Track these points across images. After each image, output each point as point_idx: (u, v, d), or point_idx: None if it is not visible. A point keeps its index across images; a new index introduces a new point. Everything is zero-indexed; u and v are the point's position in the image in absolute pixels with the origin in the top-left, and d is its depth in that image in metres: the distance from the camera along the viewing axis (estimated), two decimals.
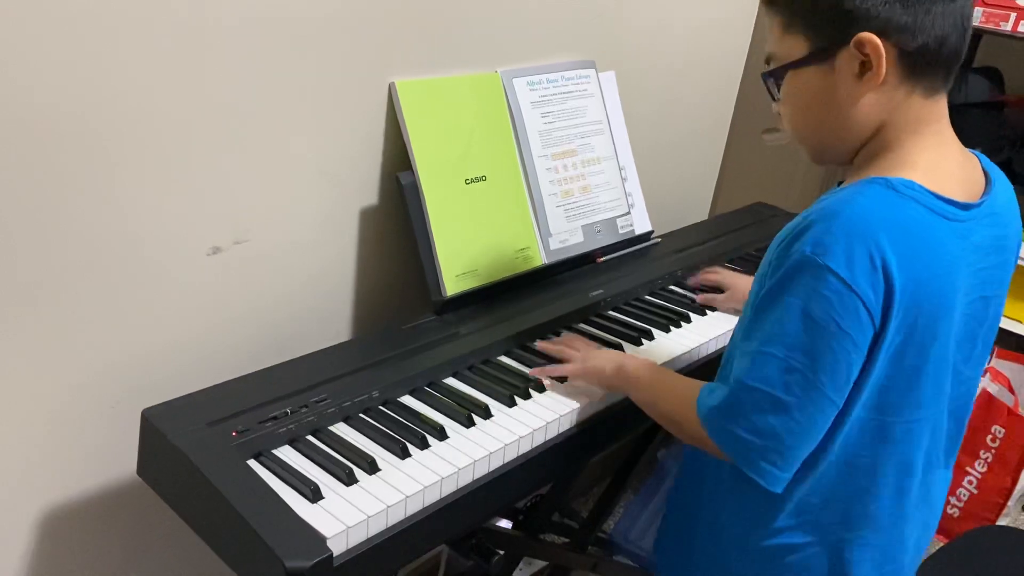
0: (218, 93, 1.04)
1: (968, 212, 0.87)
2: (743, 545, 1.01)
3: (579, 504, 2.08)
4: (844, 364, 0.84)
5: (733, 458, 0.90)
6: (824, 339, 0.82)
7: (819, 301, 0.81)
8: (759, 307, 0.88)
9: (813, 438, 0.87)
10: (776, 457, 0.87)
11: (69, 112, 0.93)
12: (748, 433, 0.87)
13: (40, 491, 1.07)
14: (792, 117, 0.95)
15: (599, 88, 1.50)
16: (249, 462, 0.93)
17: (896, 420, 0.91)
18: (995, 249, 0.92)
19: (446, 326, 1.23)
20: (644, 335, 1.30)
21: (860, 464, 0.93)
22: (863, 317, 0.82)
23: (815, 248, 0.81)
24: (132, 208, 1.02)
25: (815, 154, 0.97)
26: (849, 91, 0.87)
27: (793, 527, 0.97)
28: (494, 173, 1.34)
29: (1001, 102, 2.34)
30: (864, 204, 0.82)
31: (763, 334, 0.86)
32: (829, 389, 0.84)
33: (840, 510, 0.96)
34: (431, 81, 1.27)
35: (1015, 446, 2.13)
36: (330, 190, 1.22)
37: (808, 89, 0.90)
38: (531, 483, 1.10)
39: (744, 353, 0.89)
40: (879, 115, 0.88)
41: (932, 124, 0.90)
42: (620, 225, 1.52)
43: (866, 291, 0.81)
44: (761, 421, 0.86)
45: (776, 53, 0.92)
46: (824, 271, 0.81)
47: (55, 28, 0.89)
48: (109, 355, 1.06)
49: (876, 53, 0.84)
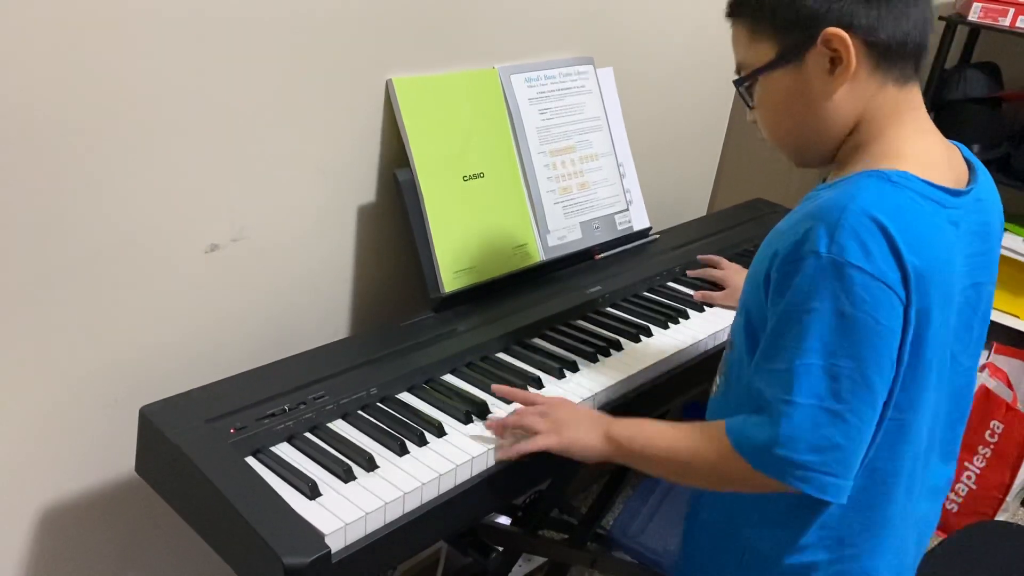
0: (216, 90, 1.04)
1: (958, 199, 0.88)
2: (767, 565, 0.98)
3: (578, 500, 2.08)
4: (887, 356, 0.82)
5: (794, 485, 0.83)
6: (865, 337, 0.80)
7: (850, 299, 0.79)
8: (780, 322, 0.84)
9: (868, 436, 0.84)
10: (839, 468, 0.83)
11: (66, 109, 0.93)
12: (810, 454, 0.82)
13: (39, 488, 1.07)
14: (769, 122, 0.95)
15: (597, 84, 1.50)
16: (247, 459, 0.93)
17: (910, 417, 0.89)
18: (982, 236, 0.92)
19: (444, 323, 1.23)
20: (642, 331, 1.30)
21: (881, 467, 0.90)
22: (896, 307, 0.80)
23: (830, 248, 0.79)
24: (130, 206, 1.02)
25: (796, 157, 0.97)
26: (822, 88, 0.88)
27: (815, 544, 0.94)
28: (492, 170, 1.34)
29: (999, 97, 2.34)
30: (866, 197, 0.81)
31: (795, 348, 0.82)
32: (879, 385, 0.82)
33: (860, 520, 0.93)
34: (428, 78, 1.26)
35: (1013, 441, 2.13)
36: (328, 187, 1.22)
37: (781, 92, 0.91)
38: (529, 480, 1.10)
39: (775, 372, 0.84)
40: (855, 108, 0.89)
41: (910, 112, 0.90)
42: (618, 222, 1.52)
43: (891, 278, 0.80)
44: (819, 438, 0.81)
45: (745, 61, 0.93)
46: (846, 268, 0.79)
47: (53, 26, 0.89)
48: (107, 352, 1.06)
49: (844, 46, 0.85)
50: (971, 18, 2.21)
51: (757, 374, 0.87)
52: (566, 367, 1.18)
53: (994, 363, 2.33)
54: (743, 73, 0.94)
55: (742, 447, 0.86)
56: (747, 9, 0.91)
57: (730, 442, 0.87)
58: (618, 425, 0.99)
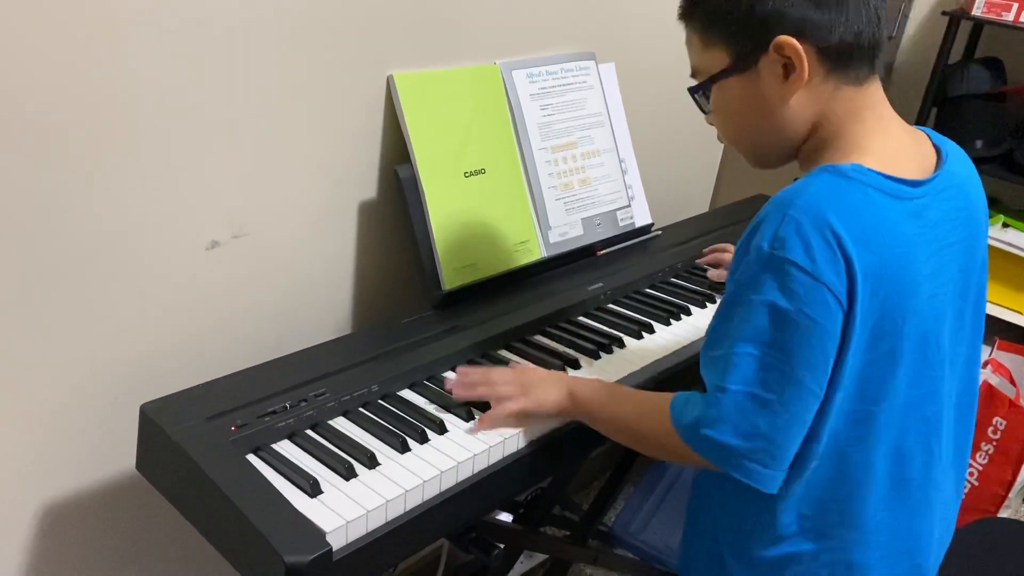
0: (217, 86, 1.04)
1: (920, 189, 0.87)
2: (744, 556, 0.99)
3: (580, 497, 2.08)
4: (820, 354, 0.83)
5: (721, 466, 0.87)
6: (796, 332, 0.82)
7: (785, 295, 0.81)
8: (723, 310, 0.87)
9: (799, 433, 0.86)
10: (765, 457, 0.85)
11: (66, 106, 0.92)
12: (733, 438, 0.85)
13: (39, 486, 1.07)
14: (726, 127, 0.96)
15: (599, 80, 1.50)
16: (248, 457, 0.93)
17: (880, 408, 0.90)
18: (960, 221, 0.92)
19: (445, 320, 1.23)
20: (645, 328, 1.30)
21: (852, 459, 0.91)
22: (831, 304, 0.81)
23: (772, 243, 0.81)
24: (130, 203, 1.01)
25: (754, 159, 0.98)
26: (777, 94, 0.88)
27: (796, 534, 0.95)
28: (493, 166, 1.33)
29: (1002, 93, 2.33)
30: (813, 192, 0.82)
31: (733, 336, 0.85)
32: (808, 381, 0.83)
33: (838, 511, 0.94)
34: (429, 73, 1.26)
35: (1016, 438, 2.13)
36: (328, 184, 1.21)
37: (736, 98, 0.91)
38: (531, 477, 1.10)
39: (714, 359, 0.87)
40: (812, 111, 0.89)
41: (871, 109, 0.90)
42: (620, 218, 1.52)
43: (830, 278, 0.80)
44: (745, 423, 0.84)
45: (699, 66, 0.93)
46: (785, 264, 0.81)
47: (53, 21, 0.88)
48: (108, 350, 1.06)
49: (796, 54, 0.85)
50: (975, 13, 2.20)
51: (702, 359, 0.91)
52: (568, 364, 1.18)
53: (996, 359, 2.32)
54: (698, 79, 0.94)
55: (676, 424, 0.90)
56: (699, 13, 0.91)
57: (669, 418, 0.91)
58: (580, 384, 1.04)
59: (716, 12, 0.89)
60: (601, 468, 2.14)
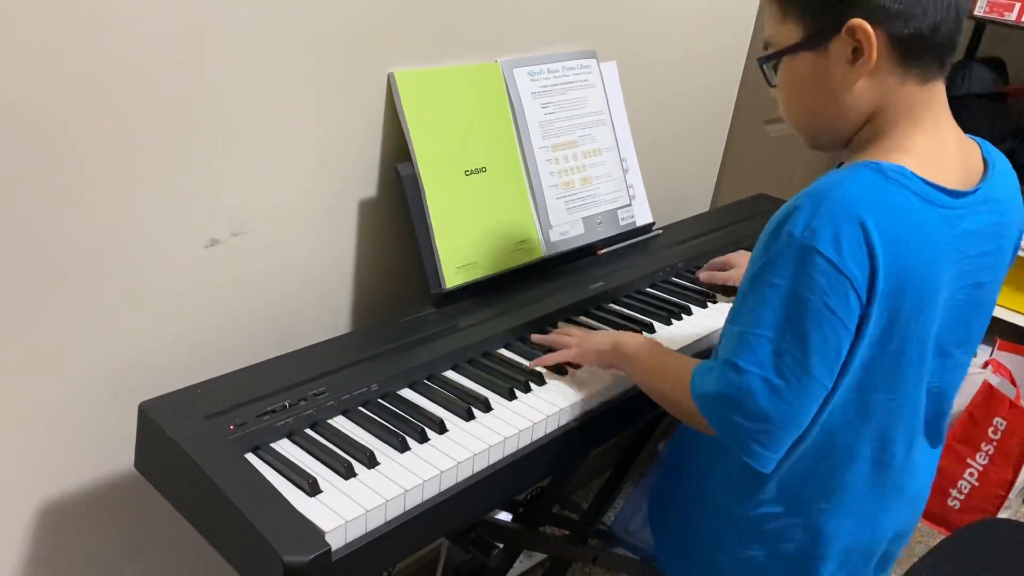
0: (217, 84, 1.03)
1: (960, 200, 0.88)
2: (726, 514, 1.05)
3: (579, 496, 2.08)
4: (834, 346, 0.85)
5: (726, 440, 0.91)
6: (814, 321, 0.83)
7: (808, 283, 0.82)
8: (748, 288, 0.89)
9: (803, 420, 0.89)
10: (766, 439, 0.88)
11: (65, 104, 0.92)
12: (741, 417, 0.88)
13: (38, 484, 1.07)
14: (787, 102, 0.96)
15: (600, 78, 1.49)
16: (247, 456, 0.93)
17: (875, 398, 0.93)
18: (992, 236, 0.93)
19: (445, 319, 1.23)
20: (645, 328, 1.29)
21: (839, 441, 0.95)
22: (851, 298, 0.83)
23: (803, 231, 0.82)
24: (129, 200, 1.01)
25: (810, 139, 0.98)
26: (842, 77, 0.88)
27: (774, 499, 1.01)
28: (494, 164, 1.33)
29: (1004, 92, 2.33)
30: (852, 187, 0.83)
31: (753, 316, 0.86)
32: (819, 372, 0.85)
33: (819, 484, 0.98)
34: (430, 71, 1.25)
35: (1016, 439, 2.13)
36: (329, 182, 1.21)
37: (803, 75, 0.92)
38: (531, 476, 1.10)
39: (733, 334, 0.89)
40: (873, 101, 0.89)
41: (929, 110, 0.90)
42: (621, 217, 1.51)
43: (854, 272, 0.82)
44: (753, 405, 0.87)
45: (773, 39, 0.94)
46: (812, 253, 0.82)
47: (51, 20, 0.88)
48: (107, 348, 1.05)
49: (867, 39, 0.85)
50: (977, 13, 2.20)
51: (724, 329, 0.94)
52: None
53: (997, 359, 2.32)
54: (769, 51, 0.94)
55: (694, 391, 0.94)
56: None
57: (689, 384, 0.95)
58: (626, 337, 1.12)
59: None
60: (601, 467, 2.14)
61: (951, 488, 2.22)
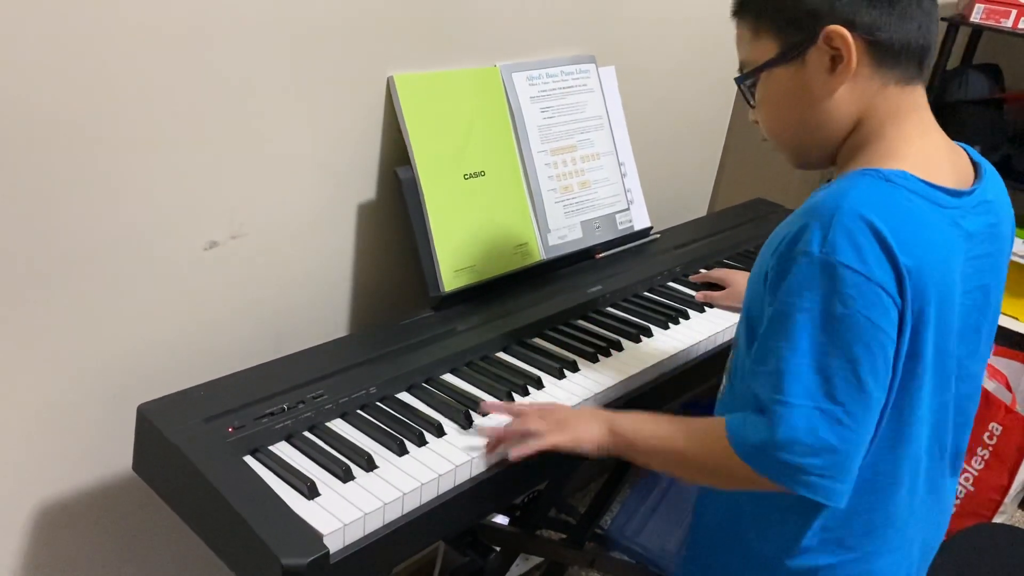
0: (217, 87, 1.04)
1: (959, 200, 0.87)
2: (768, 565, 0.97)
3: (576, 500, 2.08)
4: (882, 357, 0.81)
5: (793, 488, 0.83)
6: (857, 336, 0.79)
7: (841, 299, 0.79)
8: (774, 320, 0.83)
9: (866, 441, 0.83)
10: (835, 470, 0.81)
11: (66, 106, 0.92)
12: (803, 457, 0.81)
13: (36, 486, 1.07)
14: (769, 120, 0.95)
15: (599, 83, 1.50)
16: (245, 458, 0.93)
17: (910, 416, 0.89)
18: (989, 237, 0.92)
19: (444, 322, 1.23)
20: (643, 332, 1.30)
21: (882, 469, 0.90)
22: (889, 306, 0.80)
23: (822, 247, 0.79)
24: (129, 202, 1.01)
25: (796, 157, 0.97)
26: (823, 86, 0.88)
27: (817, 547, 0.94)
28: (493, 168, 1.33)
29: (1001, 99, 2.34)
30: (859, 195, 0.81)
31: (788, 348, 0.81)
32: (873, 387, 0.81)
33: (864, 521, 0.93)
34: (430, 75, 1.26)
35: (1012, 444, 2.13)
36: (328, 185, 1.21)
37: (783, 89, 0.91)
38: (528, 480, 1.10)
39: (769, 373, 0.83)
40: (856, 107, 0.89)
41: (912, 112, 0.89)
42: (619, 221, 1.52)
43: (883, 278, 0.79)
44: (815, 440, 0.80)
45: (748, 59, 0.93)
46: (838, 267, 0.78)
47: (53, 21, 0.88)
48: (105, 349, 1.05)
49: (845, 44, 0.85)
50: (973, 19, 2.21)
51: (752, 376, 0.86)
52: (566, 367, 1.18)
53: (993, 364, 2.33)
54: (745, 70, 0.94)
55: (740, 448, 0.85)
56: (752, 7, 0.91)
57: (729, 442, 0.86)
58: (621, 418, 0.99)
59: (769, 3, 0.89)
60: (598, 471, 2.14)
61: None
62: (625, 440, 0.97)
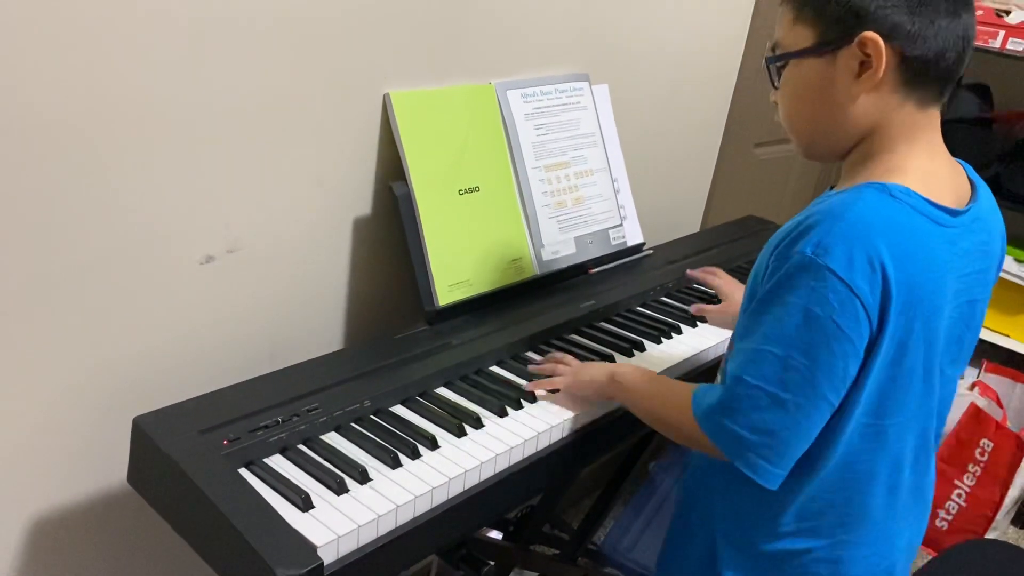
0: (214, 102, 1.05)
1: (957, 218, 0.90)
2: (742, 548, 1.02)
3: (570, 515, 2.08)
4: (841, 364, 0.85)
5: (728, 454, 0.90)
6: (823, 339, 0.84)
7: (819, 301, 0.83)
8: (757, 305, 0.89)
9: (808, 436, 0.89)
10: (771, 453, 0.88)
11: (64, 121, 0.93)
12: (744, 429, 0.88)
13: (30, 498, 1.07)
14: (787, 107, 0.96)
15: (592, 101, 1.51)
16: (240, 471, 0.93)
17: (891, 422, 0.93)
18: (980, 255, 0.94)
19: (438, 336, 1.24)
20: (635, 346, 1.30)
21: (859, 468, 0.95)
22: (862, 318, 0.83)
23: (816, 249, 0.83)
24: (125, 216, 1.02)
25: (804, 147, 0.98)
26: (845, 88, 0.89)
27: (794, 532, 0.99)
28: (487, 184, 1.34)
29: (990, 118, 2.36)
30: (863, 208, 0.84)
31: (762, 332, 0.87)
32: (826, 389, 0.86)
33: (839, 513, 0.97)
34: (426, 92, 1.27)
35: (1003, 460, 2.14)
36: (324, 199, 1.22)
37: (807, 81, 0.92)
38: (522, 494, 1.10)
39: (741, 351, 0.90)
40: (871, 118, 0.90)
41: (925, 133, 0.91)
42: (612, 236, 1.53)
43: (865, 293, 0.82)
44: (758, 418, 0.87)
45: (782, 41, 0.94)
46: (825, 272, 0.82)
47: (52, 38, 0.89)
48: (101, 362, 1.06)
49: (877, 53, 0.86)
50: None
51: (733, 348, 0.94)
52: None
53: (984, 381, 2.34)
54: (777, 52, 0.94)
55: (696, 408, 0.94)
56: None
57: (691, 402, 0.95)
58: (622, 368, 1.12)
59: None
60: (591, 486, 2.14)
61: (939, 509, 2.23)
62: (620, 388, 1.09)
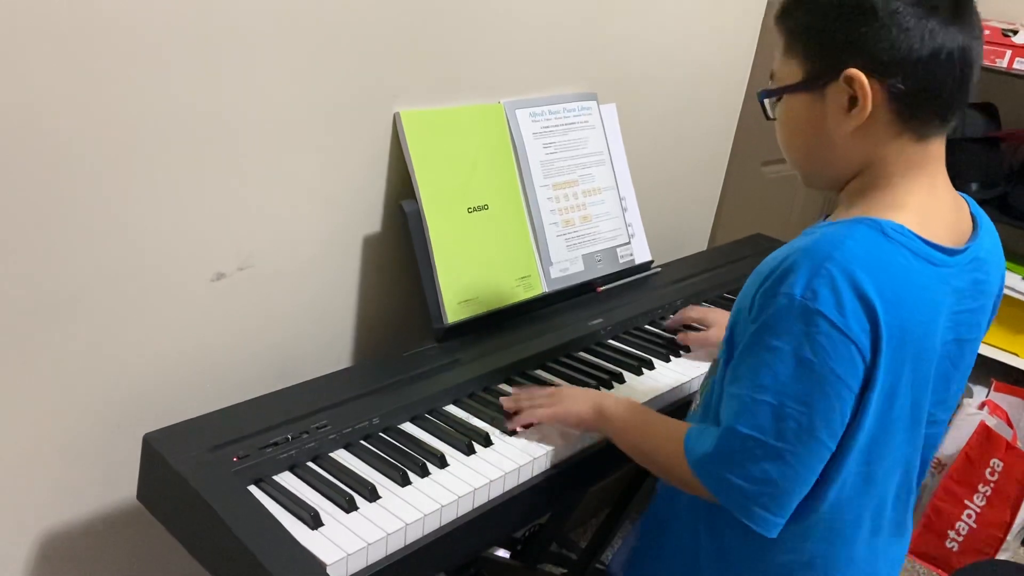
0: (225, 121, 1.06)
1: (953, 258, 0.87)
2: None
3: (577, 534, 2.07)
4: (839, 409, 0.83)
5: (727, 505, 0.88)
6: (819, 385, 0.81)
7: (812, 346, 0.80)
8: (746, 349, 0.86)
9: (807, 483, 0.86)
10: (771, 503, 0.85)
11: (75, 137, 0.94)
12: (742, 480, 0.85)
13: (40, 514, 1.07)
14: (783, 139, 0.95)
15: (600, 120, 1.52)
16: (250, 488, 0.93)
17: (878, 468, 0.91)
18: (975, 293, 0.91)
19: (447, 353, 1.24)
20: (645, 364, 1.30)
21: (846, 512, 0.93)
22: (856, 360, 0.81)
23: (804, 292, 0.80)
24: (137, 234, 1.03)
25: (803, 177, 0.97)
26: (836, 124, 0.87)
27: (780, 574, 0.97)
28: (496, 202, 1.35)
29: (997, 137, 2.36)
30: (852, 247, 0.81)
31: (753, 379, 0.84)
32: (824, 434, 0.83)
33: (825, 551, 0.95)
34: (435, 111, 1.28)
35: (1014, 480, 2.13)
36: (335, 217, 1.23)
37: (799, 115, 0.90)
38: (530, 512, 1.10)
39: (733, 397, 0.87)
40: (865, 152, 0.88)
41: (924, 167, 0.88)
42: (620, 254, 1.53)
43: (858, 335, 0.80)
44: (755, 468, 0.84)
45: (777, 73, 0.92)
46: (815, 316, 0.79)
47: (60, 55, 0.90)
48: (111, 379, 1.06)
49: (863, 90, 0.83)
50: None
51: (724, 391, 0.90)
52: None
53: (994, 400, 2.33)
54: (772, 84, 0.93)
55: (688, 454, 0.91)
56: (789, 21, 0.89)
57: (683, 446, 0.92)
58: (608, 400, 1.08)
59: (802, 25, 0.87)
60: (599, 506, 2.13)
61: (949, 530, 2.21)
62: (605, 420, 1.06)
